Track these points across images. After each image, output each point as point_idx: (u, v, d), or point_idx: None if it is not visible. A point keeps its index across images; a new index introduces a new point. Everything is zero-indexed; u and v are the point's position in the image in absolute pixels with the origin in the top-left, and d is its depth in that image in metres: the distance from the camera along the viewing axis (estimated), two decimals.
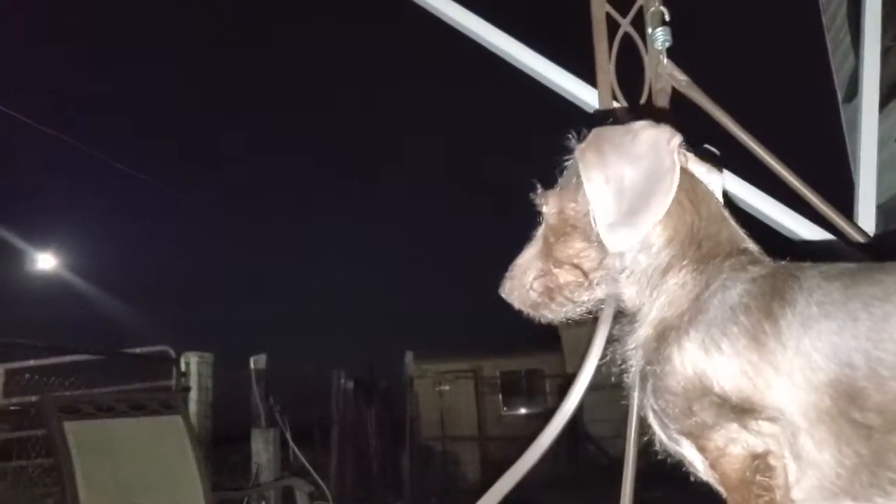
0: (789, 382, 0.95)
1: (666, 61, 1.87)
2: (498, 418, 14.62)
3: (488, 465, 11.45)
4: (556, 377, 14.67)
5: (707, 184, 1.19)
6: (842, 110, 5.29)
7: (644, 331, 1.12)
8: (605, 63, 1.89)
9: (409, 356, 9.75)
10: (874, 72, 2.32)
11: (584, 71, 1.96)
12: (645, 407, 1.12)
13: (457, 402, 13.11)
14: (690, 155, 1.19)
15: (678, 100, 1.86)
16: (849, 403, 0.92)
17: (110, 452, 3.00)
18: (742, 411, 0.97)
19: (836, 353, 0.93)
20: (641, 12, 1.89)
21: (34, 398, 6.49)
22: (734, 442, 0.97)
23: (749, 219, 1.21)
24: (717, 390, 0.98)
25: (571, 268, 1.21)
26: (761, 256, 1.12)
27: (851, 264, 1.03)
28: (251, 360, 6.45)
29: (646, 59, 1.89)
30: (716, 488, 1.06)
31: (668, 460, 1.14)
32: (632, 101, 1.86)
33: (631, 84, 1.88)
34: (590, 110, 1.94)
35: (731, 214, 1.18)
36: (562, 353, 14.08)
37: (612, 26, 1.93)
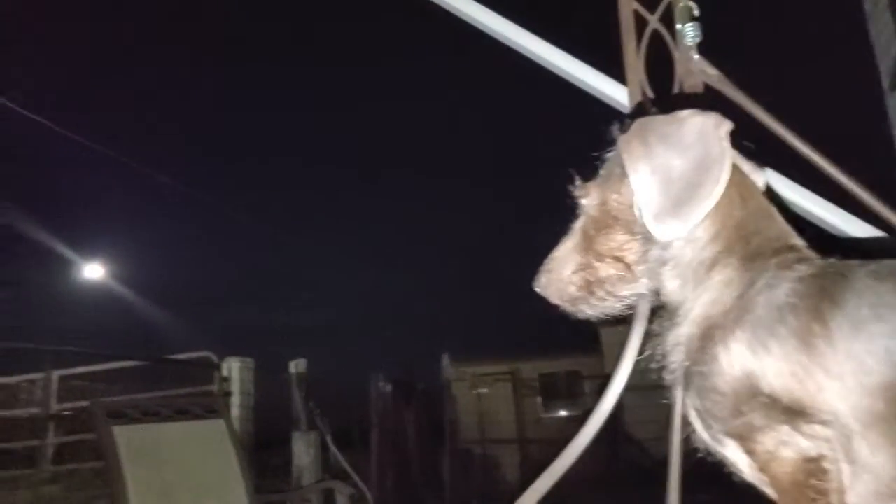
0: (841, 386, 0.93)
1: (696, 57, 1.86)
2: (537, 420, 14.52)
3: (529, 467, 11.39)
4: (595, 378, 14.51)
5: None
6: (887, 98, 5.13)
7: (687, 328, 1.09)
8: (635, 61, 1.88)
9: (445, 359, 9.75)
10: None
11: (613, 69, 1.95)
12: (687, 407, 1.09)
13: (495, 404, 13.07)
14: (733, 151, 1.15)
15: (711, 97, 1.84)
16: None
17: (156, 456, 3.07)
18: (793, 413, 0.94)
19: (889, 356, 0.91)
20: (670, 8, 1.88)
21: (84, 403, 6.69)
22: (785, 445, 0.95)
23: (793, 216, 1.18)
24: (766, 391, 0.96)
25: (613, 261, 1.18)
26: (809, 254, 1.09)
27: None
28: (291, 365, 6.53)
29: (676, 55, 1.88)
30: (762, 491, 1.03)
31: (713, 462, 1.11)
32: (662, 98, 1.84)
33: (661, 81, 1.87)
34: (620, 108, 1.94)
35: (777, 210, 1.14)
36: (601, 354, 13.93)
37: (640, 23, 1.92)
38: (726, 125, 1.08)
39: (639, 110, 1.87)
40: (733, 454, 1.05)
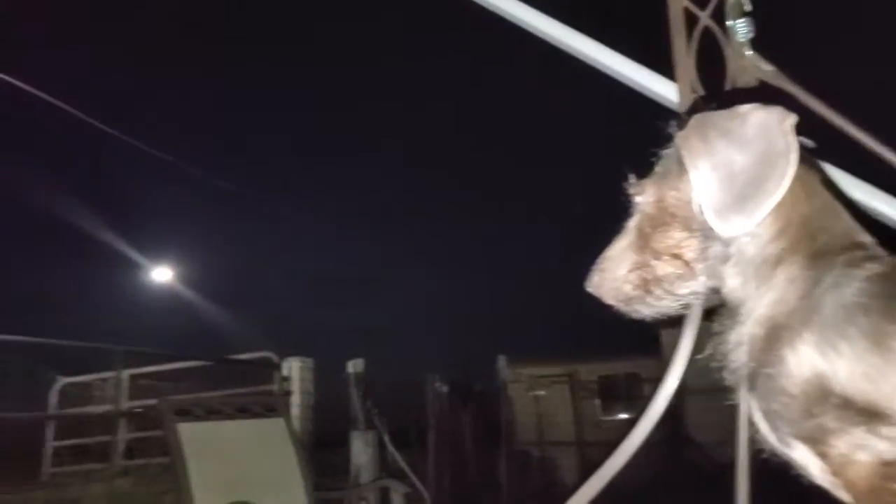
0: None
1: (749, 53, 1.81)
2: (596, 423, 14.32)
3: (588, 470, 11.20)
4: (655, 381, 14.18)
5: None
6: None
7: (750, 328, 1.06)
8: (685, 58, 1.85)
9: (502, 360, 9.74)
10: None
11: (663, 67, 1.92)
12: (753, 408, 1.06)
13: (553, 406, 12.95)
14: None
15: (766, 92, 1.79)
16: None
17: (218, 452, 3.16)
18: (869, 415, 0.91)
19: None
20: (721, 4, 1.84)
21: (152, 401, 6.95)
22: (861, 448, 0.91)
23: (860, 213, 1.15)
24: (838, 392, 0.92)
25: (671, 259, 1.15)
26: (878, 252, 1.04)
27: None
28: (349, 365, 6.64)
29: (727, 52, 1.84)
30: (834, 494, 1.00)
31: (781, 464, 1.07)
32: (714, 95, 1.81)
33: (711, 78, 1.84)
34: (670, 106, 1.91)
35: (843, 207, 1.10)
36: (661, 356, 13.66)
37: (690, 20, 1.88)
38: (791, 119, 1.04)
39: (695, 107, 1.84)
40: (802, 457, 1.01)
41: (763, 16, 1.79)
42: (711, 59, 1.83)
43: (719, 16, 1.85)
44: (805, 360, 0.95)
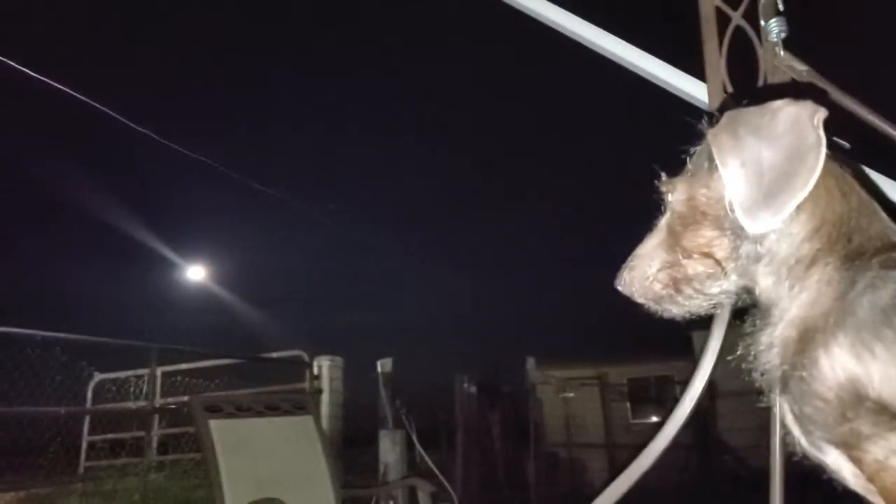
0: None
1: (783, 53, 1.79)
2: (626, 426, 14.20)
3: (617, 473, 11.13)
4: (686, 384, 14.05)
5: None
6: None
7: (782, 330, 1.04)
8: (716, 59, 1.83)
9: (530, 362, 9.70)
10: None
11: (694, 68, 1.90)
12: (785, 411, 1.05)
13: (582, 408, 12.87)
14: None
15: (799, 90, 1.76)
16: None
17: (249, 449, 3.21)
18: None
19: None
20: (753, 3, 1.82)
21: (185, 398, 7.08)
22: None
23: None
24: (873, 397, 0.90)
25: (702, 257, 1.14)
26: None
27: None
28: (378, 364, 6.68)
29: (760, 51, 1.81)
30: (868, 500, 0.98)
31: (813, 469, 1.05)
32: (744, 93, 1.78)
33: (744, 78, 1.81)
34: (702, 107, 1.89)
35: (880, 207, 1.08)
36: (693, 358, 13.50)
37: (722, 20, 1.86)
38: (821, 113, 1.02)
39: (726, 105, 1.81)
40: (835, 462, 1.00)
41: (797, 15, 1.76)
42: (743, 59, 1.80)
43: (751, 15, 1.82)
44: (839, 364, 0.93)
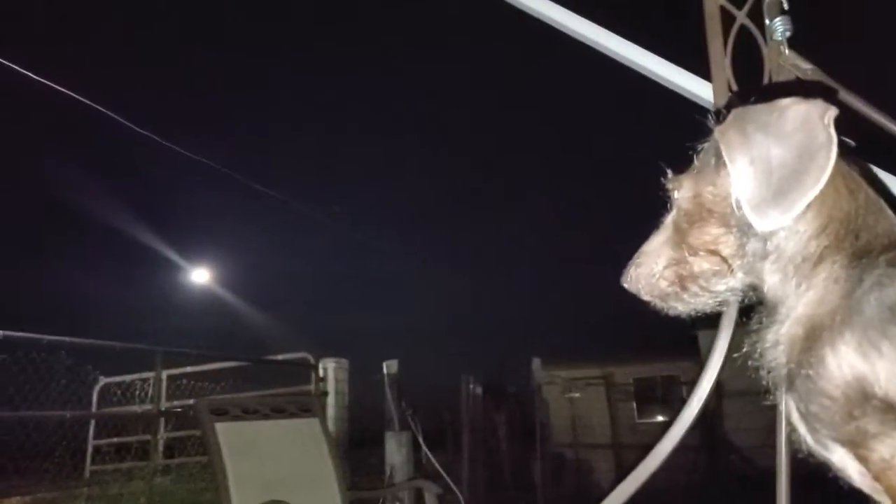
0: None
1: (787, 51, 1.78)
2: (632, 426, 14.17)
3: (623, 473, 11.10)
4: (693, 384, 13.99)
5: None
6: None
7: (789, 328, 1.03)
8: (721, 58, 1.82)
9: (536, 362, 9.69)
10: None
11: (699, 67, 1.90)
12: (791, 409, 1.04)
13: (588, 409, 12.86)
14: None
15: (804, 89, 1.76)
16: None
17: (255, 451, 3.21)
18: None
19: None
20: (758, 2, 1.81)
21: (191, 401, 7.09)
22: None
23: None
24: (879, 395, 0.90)
25: (708, 254, 1.14)
26: None
27: None
28: (384, 366, 6.67)
29: (764, 50, 1.81)
30: (874, 499, 0.98)
31: (819, 468, 1.05)
32: (751, 92, 1.77)
33: (748, 77, 1.80)
34: (707, 106, 1.88)
35: (887, 205, 1.07)
36: (698, 358, 13.47)
37: (726, 19, 1.85)
38: (832, 112, 1.01)
39: (732, 103, 1.81)
40: (841, 460, 0.99)
41: (802, 13, 1.75)
42: (748, 59, 1.80)
43: (756, 14, 1.82)
44: (846, 362, 0.93)
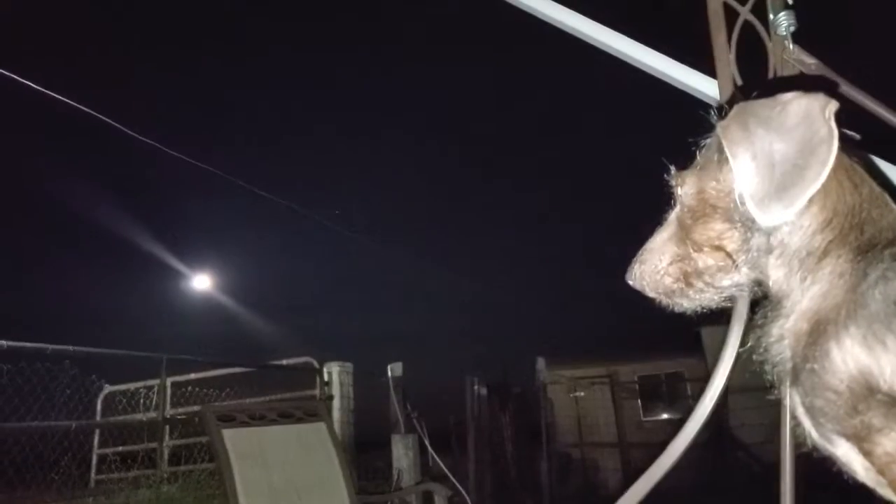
0: None
1: (791, 46, 1.77)
2: (638, 424, 14.15)
3: (630, 472, 11.14)
4: (697, 381, 14.03)
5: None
6: None
7: (794, 322, 1.03)
8: (725, 54, 1.81)
9: (540, 362, 9.69)
10: None
11: (702, 63, 1.89)
12: (795, 404, 1.04)
13: (593, 407, 12.83)
14: None
15: (809, 83, 1.75)
16: None
17: (263, 457, 3.21)
18: None
19: None
20: None
21: (196, 408, 7.08)
22: None
23: None
24: (884, 389, 0.90)
25: (713, 250, 1.14)
26: None
27: None
28: (389, 368, 6.67)
29: (769, 45, 1.80)
30: (878, 493, 0.97)
31: (825, 463, 1.05)
32: (754, 86, 1.77)
33: (754, 74, 1.80)
34: (711, 103, 1.87)
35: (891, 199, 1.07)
36: (703, 355, 13.46)
37: (730, 15, 1.85)
38: (833, 105, 1.01)
39: (735, 98, 1.80)
40: (846, 454, 0.99)
41: (807, 8, 1.75)
42: (753, 55, 1.79)
43: (760, 9, 1.81)
44: (850, 356, 0.93)
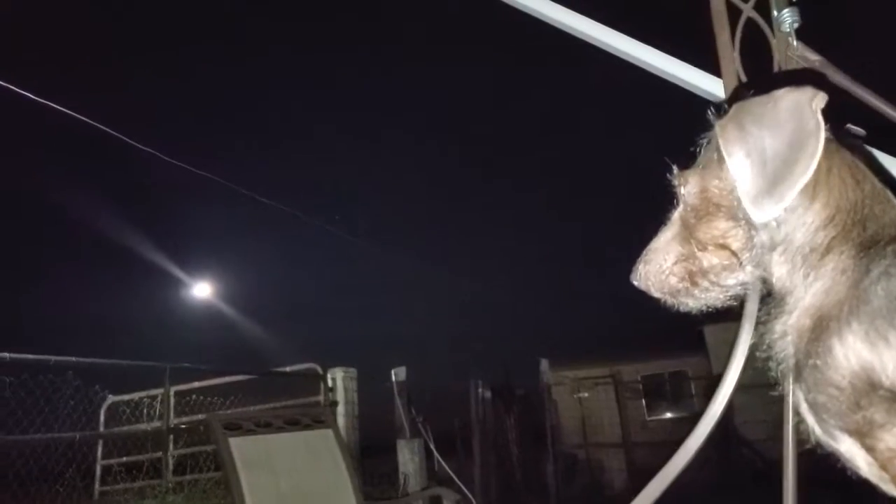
0: None
1: (795, 43, 1.77)
2: (642, 424, 14.15)
3: (635, 471, 11.13)
4: (700, 379, 14.03)
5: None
6: None
7: (797, 318, 1.04)
8: (729, 52, 1.81)
9: (544, 363, 9.68)
10: None
11: (706, 62, 1.89)
12: (799, 400, 1.04)
13: (597, 408, 12.83)
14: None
15: (811, 78, 1.74)
16: None
17: (270, 465, 3.20)
18: None
19: None
20: None
21: (201, 417, 7.06)
22: None
23: None
24: (886, 385, 0.90)
25: (717, 249, 1.14)
26: None
27: None
28: (392, 373, 6.66)
29: (773, 42, 1.80)
30: (881, 489, 0.98)
31: (829, 458, 1.05)
32: (753, 84, 1.76)
33: (758, 71, 1.79)
34: (716, 102, 1.87)
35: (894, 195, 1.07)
36: (706, 354, 13.46)
37: (733, 12, 1.84)
38: (820, 98, 1.02)
39: (738, 95, 1.80)
40: (849, 450, 0.99)
41: (810, 4, 1.74)
42: (757, 52, 1.79)
43: (763, 6, 1.81)
44: (853, 352, 0.93)
